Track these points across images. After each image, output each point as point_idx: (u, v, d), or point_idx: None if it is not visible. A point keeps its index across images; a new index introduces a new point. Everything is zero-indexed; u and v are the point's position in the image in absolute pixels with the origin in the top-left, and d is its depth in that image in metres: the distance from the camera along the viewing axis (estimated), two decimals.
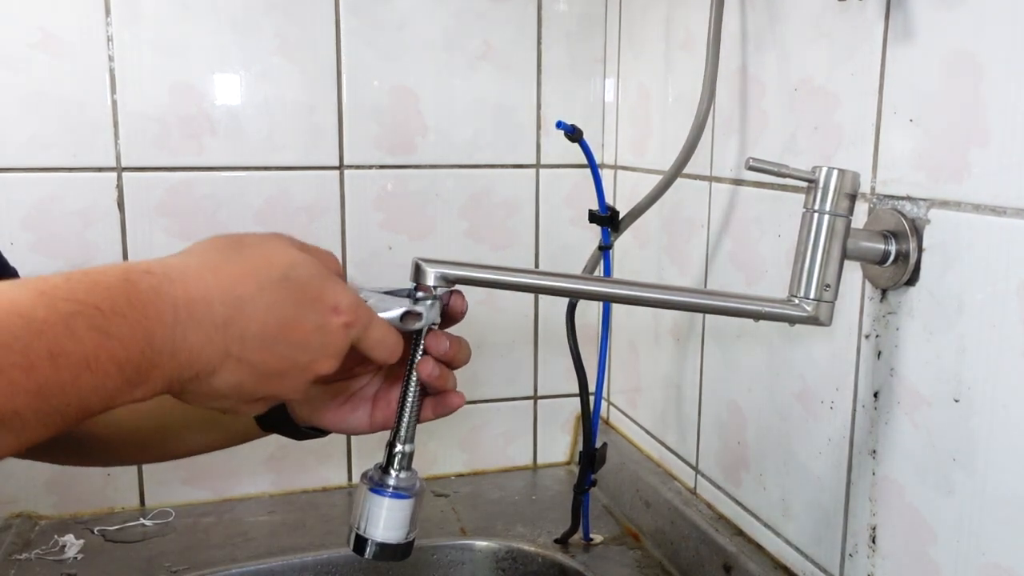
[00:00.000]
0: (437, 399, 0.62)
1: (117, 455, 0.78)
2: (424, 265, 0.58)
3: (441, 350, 0.58)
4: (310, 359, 0.49)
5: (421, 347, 0.59)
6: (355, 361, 0.61)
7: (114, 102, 1.08)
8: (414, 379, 0.60)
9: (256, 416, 0.68)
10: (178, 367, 0.44)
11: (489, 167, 1.23)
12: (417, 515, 0.61)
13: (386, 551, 0.59)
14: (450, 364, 0.60)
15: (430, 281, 0.58)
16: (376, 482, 0.60)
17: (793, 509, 0.85)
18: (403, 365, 0.62)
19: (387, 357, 0.54)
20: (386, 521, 0.59)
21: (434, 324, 0.59)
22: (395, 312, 0.56)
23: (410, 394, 0.60)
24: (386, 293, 0.58)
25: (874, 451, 0.72)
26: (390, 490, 0.59)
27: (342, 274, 0.55)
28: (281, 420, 0.68)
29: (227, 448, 0.75)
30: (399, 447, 0.60)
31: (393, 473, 0.60)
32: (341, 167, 1.17)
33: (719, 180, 0.96)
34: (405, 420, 0.61)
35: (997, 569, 0.60)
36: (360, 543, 0.59)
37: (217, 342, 0.45)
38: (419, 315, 0.57)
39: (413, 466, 0.61)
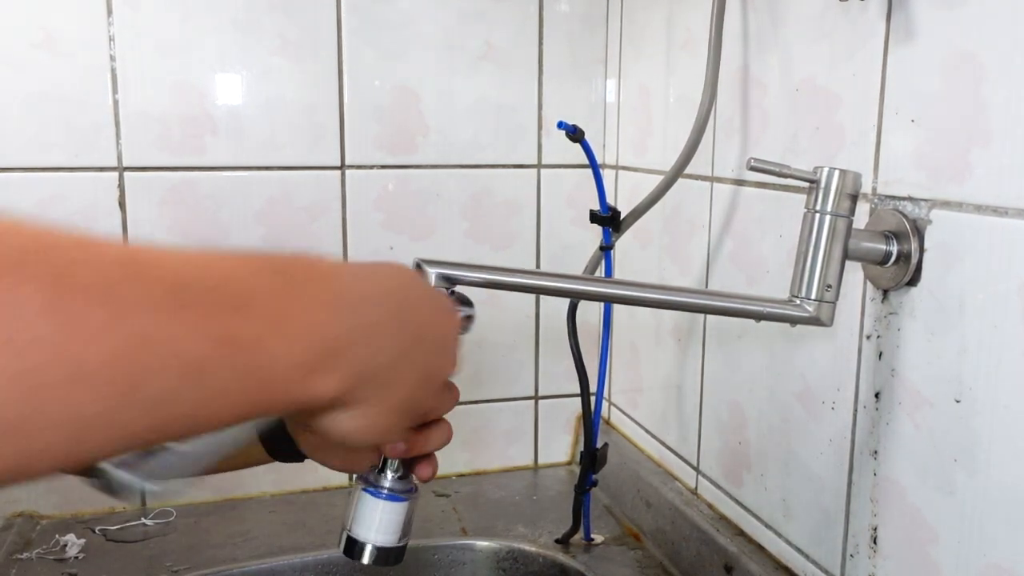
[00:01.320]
0: (412, 465, 0.61)
1: None
2: (425, 266, 0.58)
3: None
4: (445, 362, 0.52)
5: None
6: None
7: (116, 102, 1.08)
8: None
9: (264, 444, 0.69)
10: (362, 359, 0.44)
11: (490, 167, 1.23)
12: (411, 521, 0.60)
13: (377, 555, 0.58)
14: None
15: (430, 282, 0.57)
16: (371, 483, 0.59)
17: (794, 509, 0.85)
18: None
19: (454, 367, 0.53)
20: (379, 524, 0.58)
21: None
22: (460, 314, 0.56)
23: None
24: None
25: (875, 451, 0.72)
26: (385, 492, 0.59)
27: None
28: (289, 452, 0.68)
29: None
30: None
31: (389, 475, 0.59)
32: (342, 167, 1.17)
33: (720, 180, 0.96)
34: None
35: (998, 570, 0.60)
36: (351, 545, 0.58)
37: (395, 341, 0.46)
38: (472, 319, 0.57)
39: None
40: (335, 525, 1.13)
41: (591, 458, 1.01)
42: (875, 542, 0.73)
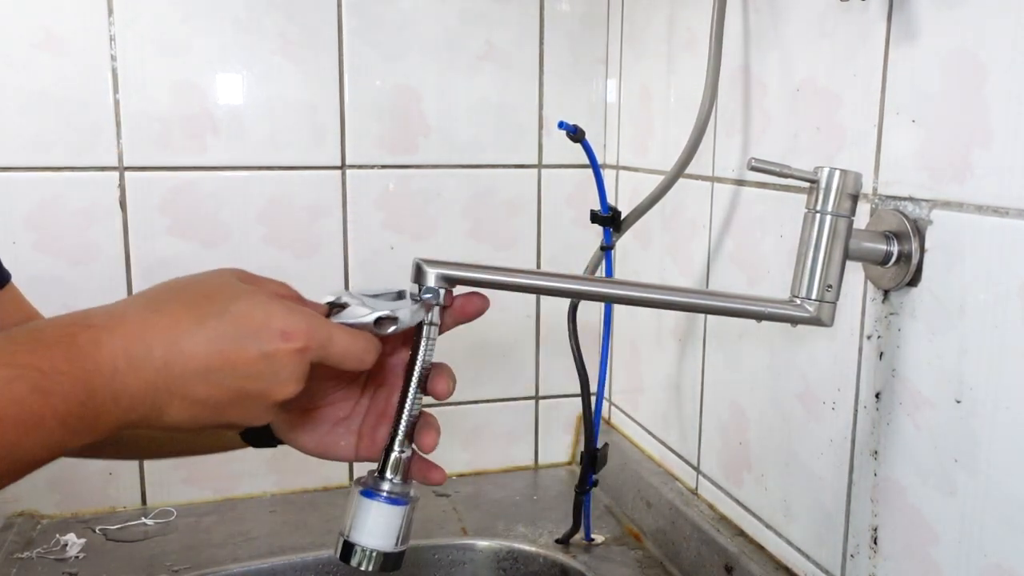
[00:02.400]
0: (419, 467, 0.60)
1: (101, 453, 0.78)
2: (425, 266, 0.57)
3: (444, 392, 0.59)
4: (264, 386, 0.49)
5: (421, 351, 0.58)
6: (330, 380, 0.60)
7: (116, 101, 1.08)
8: (413, 384, 0.58)
9: (241, 434, 0.68)
10: (123, 412, 0.45)
11: (491, 167, 1.23)
12: (410, 526, 0.58)
13: (373, 560, 0.56)
14: (435, 396, 0.59)
15: (431, 282, 0.57)
16: (369, 486, 0.57)
17: (794, 510, 0.85)
18: (392, 395, 0.61)
19: (357, 365, 0.53)
20: (376, 527, 0.56)
21: (434, 324, 0.58)
22: (368, 317, 0.54)
23: (409, 399, 0.58)
24: (374, 296, 0.56)
25: (876, 452, 0.72)
26: (383, 495, 0.57)
27: (298, 299, 0.54)
28: (264, 438, 0.67)
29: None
30: (396, 452, 0.58)
31: (388, 478, 0.58)
32: (343, 167, 1.17)
33: (721, 180, 0.96)
34: (403, 425, 0.58)
35: (999, 570, 0.60)
36: (347, 549, 0.56)
37: (159, 384, 0.46)
38: (394, 320, 0.55)
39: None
40: (335, 525, 1.13)
41: (591, 458, 1.01)
42: (875, 542, 0.73)
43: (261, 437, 0.66)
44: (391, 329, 0.55)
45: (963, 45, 0.62)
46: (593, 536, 1.08)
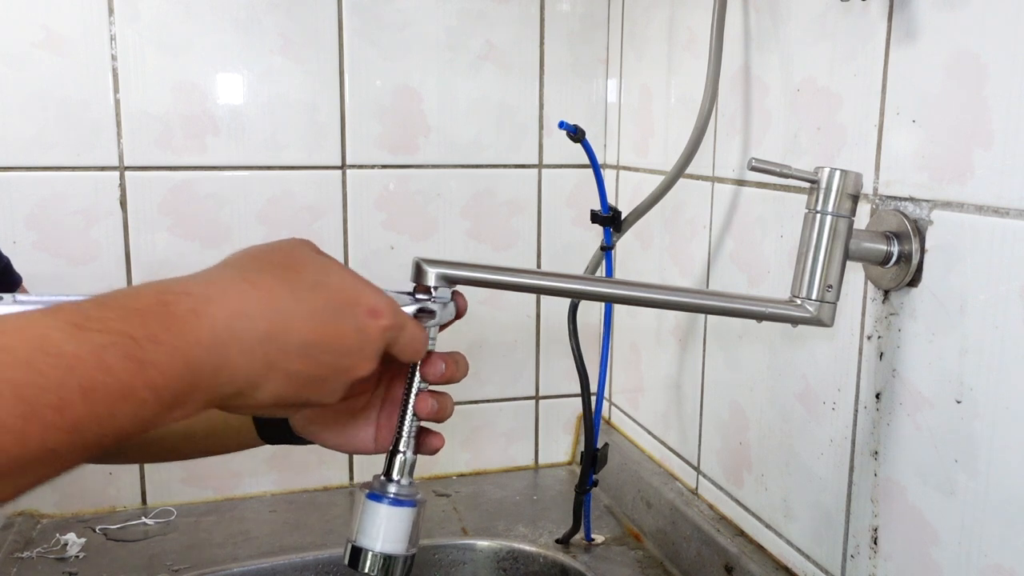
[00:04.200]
0: (420, 440, 0.60)
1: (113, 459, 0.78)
2: (425, 265, 0.57)
3: (438, 374, 0.57)
4: (350, 363, 0.49)
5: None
6: None
7: (117, 101, 1.08)
8: (416, 384, 0.58)
9: (258, 429, 0.68)
10: (219, 385, 0.43)
11: (491, 167, 1.23)
12: (419, 529, 0.57)
13: (384, 564, 0.54)
14: (450, 381, 0.59)
15: (431, 281, 0.56)
16: (375, 489, 0.57)
17: (795, 510, 0.85)
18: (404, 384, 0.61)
19: (414, 356, 0.53)
20: (385, 531, 0.55)
21: (435, 324, 0.58)
22: (410, 309, 0.55)
23: (412, 399, 0.58)
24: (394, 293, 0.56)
25: (876, 452, 0.72)
26: (390, 497, 0.56)
27: None
28: (282, 433, 0.67)
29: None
30: (401, 453, 0.58)
31: (394, 481, 0.57)
32: (343, 167, 1.17)
33: (721, 180, 0.96)
34: (407, 427, 0.58)
35: (999, 570, 0.60)
36: (355, 555, 0.55)
37: (259, 356, 0.44)
38: (432, 312, 0.55)
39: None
40: (335, 525, 1.14)
41: (592, 458, 1.01)
42: (876, 542, 0.73)
43: (280, 433, 0.67)
44: (429, 323, 0.55)
45: (964, 45, 0.62)
46: (593, 536, 1.08)
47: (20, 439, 0.35)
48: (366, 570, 0.55)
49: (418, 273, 0.57)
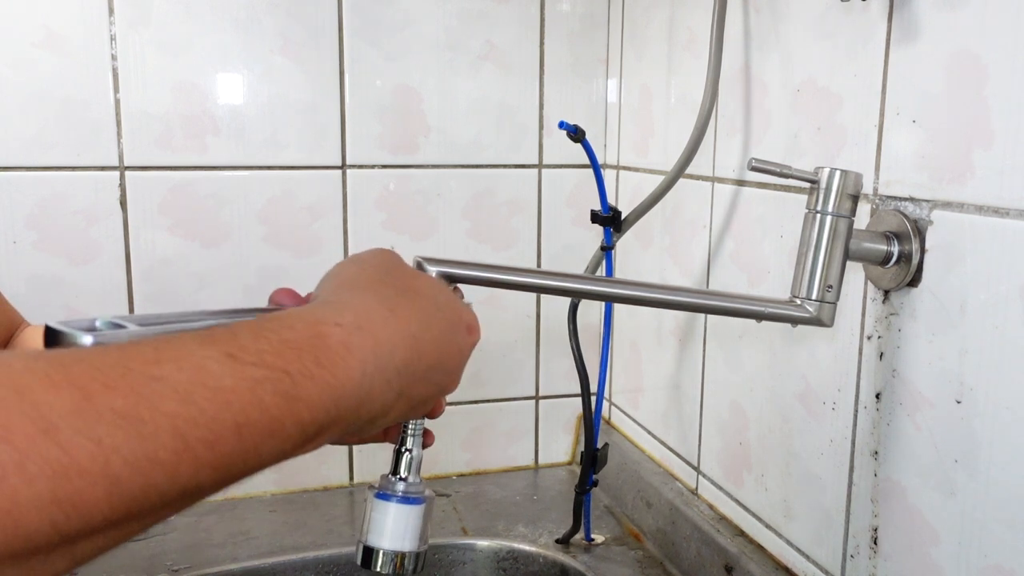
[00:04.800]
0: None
1: None
2: (426, 264, 0.57)
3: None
4: (451, 381, 0.49)
5: None
6: None
7: (117, 101, 1.08)
8: None
9: None
10: (358, 418, 0.42)
11: (491, 167, 1.23)
12: (428, 526, 0.57)
13: (395, 562, 0.54)
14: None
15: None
16: (383, 488, 0.57)
17: (794, 510, 0.85)
18: None
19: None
20: (394, 529, 0.55)
21: None
22: None
23: None
24: None
25: (876, 452, 0.72)
26: (399, 495, 0.56)
27: None
28: None
29: None
30: (408, 451, 0.58)
31: (402, 479, 0.57)
32: (344, 167, 1.17)
33: (721, 180, 0.96)
34: (412, 425, 0.58)
35: (999, 571, 0.60)
36: (367, 555, 0.55)
37: (395, 386, 0.44)
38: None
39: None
40: (335, 524, 1.14)
41: (592, 458, 1.01)
42: (875, 543, 0.73)
43: None
44: None
45: (964, 45, 0.62)
46: (593, 536, 1.08)
47: (172, 474, 0.33)
48: (379, 569, 0.55)
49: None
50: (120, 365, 0.34)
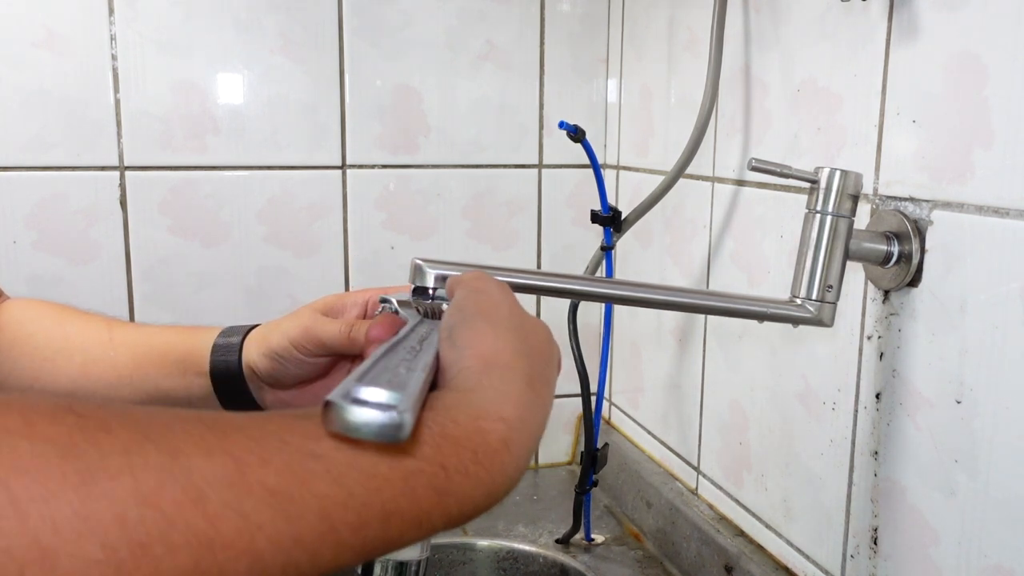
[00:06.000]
0: None
1: None
2: (424, 266, 0.57)
3: None
4: None
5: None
6: (323, 355, 0.62)
7: (117, 101, 1.08)
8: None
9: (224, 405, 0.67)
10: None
11: (491, 167, 1.23)
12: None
13: (398, 572, 0.54)
14: None
15: (429, 282, 0.56)
16: None
17: (794, 510, 0.85)
18: None
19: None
20: None
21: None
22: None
23: None
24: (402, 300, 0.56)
25: (876, 452, 0.72)
26: None
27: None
28: (245, 401, 0.66)
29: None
30: None
31: None
32: (344, 167, 1.17)
33: (722, 181, 0.96)
34: None
35: (999, 571, 0.60)
36: (368, 565, 0.54)
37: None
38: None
39: None
40: None
41: (592, 458, 1.01)
42: (875, 543, 0.73)
43: (244, 407, 0.66)
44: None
45: (964, 46, 0.62)
46: (593, 536, 1.08)
47: (313, 555, 0.32)
48: None
49: (417, 274, 0.57)
50: (277, 438, 0.33)
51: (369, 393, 0.34)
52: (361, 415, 0.33)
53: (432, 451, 0.36)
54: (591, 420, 1.01)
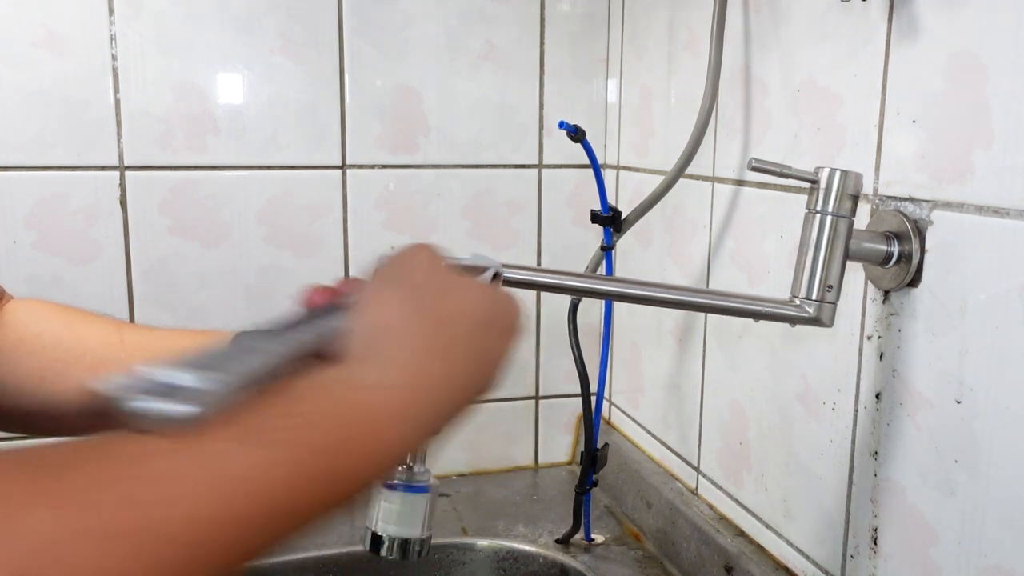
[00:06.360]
0: None
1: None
2: None
3: None
4: (490, 392, 0.49)
5: None
6: None
7: (117, 101, 1.08)
8: None
9: None
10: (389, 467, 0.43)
11: (492, 167, 1.23)
12: (432, 513, 0.60)
13: (403, 547, 0.58)
14: None
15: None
16: (391, 477, 0.59)
17: (794, 510, 0.85)
18: None
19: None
20: (401, 516, 0.58)
21: None
22: (488, 274, 0.55)
23: None
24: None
25: (876, 452, 0.72)
26: (405, 484, 0.59)
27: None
28: None
29: None
30: None
31: (408, 468, 0.60)
32: (344, 167, 1.17)
33: (721, 181, 0.96)
34: None
35: (999, 571, 0.60)
36: (376, 541, 0.58)
37: (434, 428, 0.44)
38: (499, 275, 0.56)
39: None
40: (335, 524, 1.13)
41: (591, 458, 1.01)
42: (875, 543, 0.73)
43: None
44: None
45: (964, 45, 0.62)
46: (593, 536, 1.08)
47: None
48: (385, 553, 0.58)
49: None
50: (113, 470, 0.30)
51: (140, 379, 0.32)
52: (147, 404, 0.31)
53: (313, 434, 0.35)
54: (591, 420, 1.01)
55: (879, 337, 0.71)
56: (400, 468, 0.60)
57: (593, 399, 1.01)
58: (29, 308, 0.70)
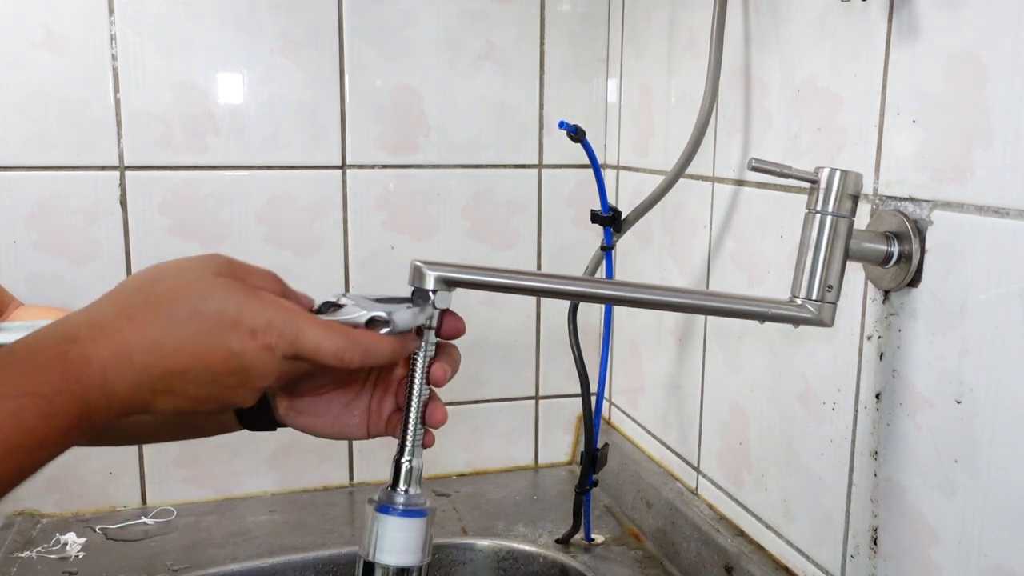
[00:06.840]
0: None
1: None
2: (423, 267, 0.56)
3: (440, 383, 0.58)
4: (237, 381, 0.50)
5: (421, 356, 0.56)
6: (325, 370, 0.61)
7: (117, 101, 1.08)
8: (416, 389, 0.57)
9: (237, 416, 0.68)
10: (114, 412, 0.48)
11: (491, 167, 1.23)
12: (430, 538, 0.56)
13: None
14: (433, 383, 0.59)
15: (429, 284, 0.55)
16: (383, 502, 0.55)
17: (794, 510, 0.85)
18: (394, 369, 0.61)
19: (335, 361, 0.52)
20: (395, 543, 0.54)
21: (431, 328, 0.56)
22: (361, 318, 0.53)
23: (413, 405, 0.57)
24: (379, 299, 0.55)
25: (876, 452, 0.72)
26: (399, 508, 0.55)
27: (280, 291, 0.56)
28: (263, 421, 0.66)
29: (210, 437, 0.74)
30: (406, 461, 0.56)
31: (401, 490, 0.56)
32: (344, 167, 1.17)
33: (722, 181, 0.96)
34: (411, 433, 0.57)
35: (999, 571, 0.60)
36: (368, 571, 0.54)
37: (143, 385, 0.49)
38: (387, 322, 0.53)
39: None
40: (335, 525, 1.14)
41: (592, 458, 1.01)
42: (875, 543, 0.73)
43: (258, 421, 0.66)
44: (384, 331, 0.53)
45: (964, 46, 0.62)
46: (593, 536, 1.08)
47: None
48: None
49: (416, 275, 0.56)
50: None
51: None
52: None
53: (29, 384, 0.45)
54: (591, 420, 1.01)
55: (879, 337, 0.71)
56: (393, 491, 0.56)
57: (593, 399, 1.01)
58: (36, 314, 0.71)
